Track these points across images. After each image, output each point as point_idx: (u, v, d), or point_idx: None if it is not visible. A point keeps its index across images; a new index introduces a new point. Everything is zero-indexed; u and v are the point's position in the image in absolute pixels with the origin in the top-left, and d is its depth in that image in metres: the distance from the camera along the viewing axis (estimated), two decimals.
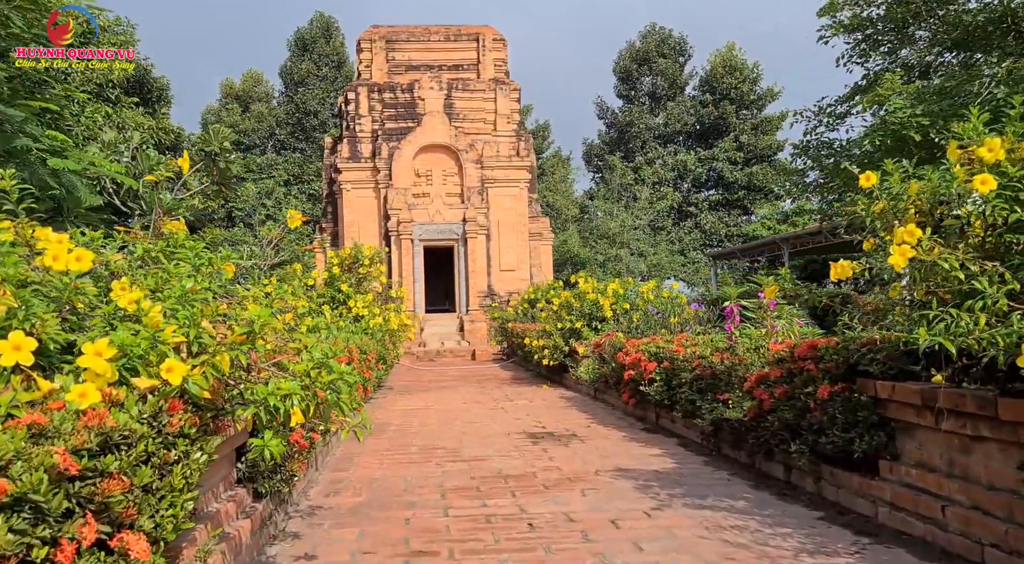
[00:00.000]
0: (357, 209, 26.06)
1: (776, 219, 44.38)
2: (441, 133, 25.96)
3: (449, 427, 7.09)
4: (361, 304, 9.58)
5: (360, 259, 10.42)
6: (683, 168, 47.18)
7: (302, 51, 49.30)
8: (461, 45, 27.30)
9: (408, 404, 9.32)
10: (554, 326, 10.89)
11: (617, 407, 8.12)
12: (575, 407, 8.55)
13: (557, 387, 11.01)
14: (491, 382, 12.31)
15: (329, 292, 9.69)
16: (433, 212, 25.83)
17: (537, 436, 6.41)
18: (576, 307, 10.75)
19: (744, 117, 47.67)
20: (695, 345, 5.91)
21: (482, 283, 26.18)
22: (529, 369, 14.21)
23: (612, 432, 6.54)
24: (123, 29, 34.36)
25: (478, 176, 26.10)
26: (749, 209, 48.41)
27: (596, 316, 10.54)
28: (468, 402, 9.38)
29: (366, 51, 26.96)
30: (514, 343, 15.76)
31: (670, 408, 6.14)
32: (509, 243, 26.51)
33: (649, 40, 49.39)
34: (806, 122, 14.31)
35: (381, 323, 9.44)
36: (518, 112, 27.28)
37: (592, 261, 40.67)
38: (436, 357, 21.90)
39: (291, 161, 47.31)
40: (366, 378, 8.02)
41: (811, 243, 29.86)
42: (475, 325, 24.74)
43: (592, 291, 10.66)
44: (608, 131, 50.73)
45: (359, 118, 26.37)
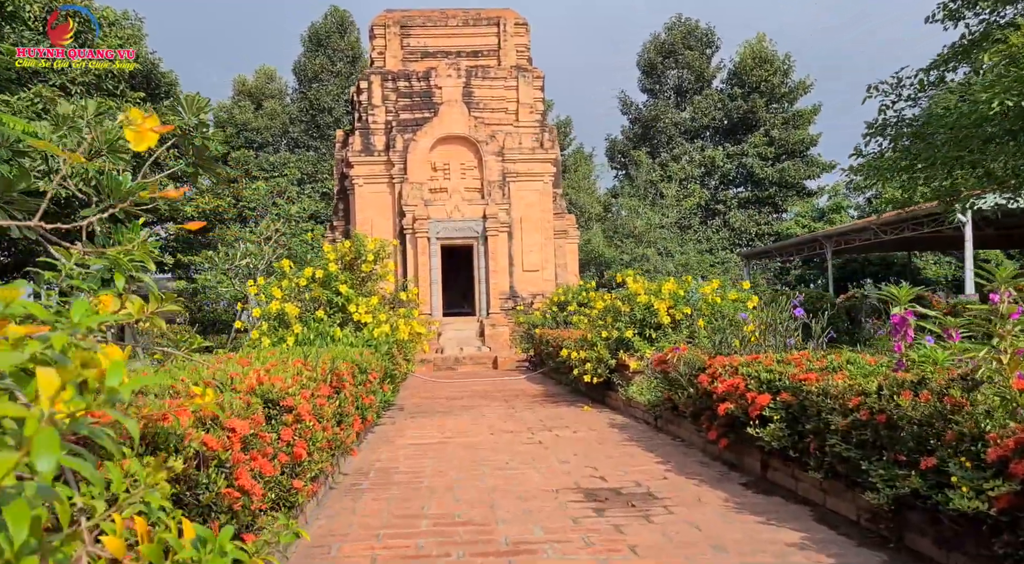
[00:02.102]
0: (370, 205, 24.34)
1: (811, 217, 42.15)
2: (459, 124, 24.17)
3: (474, 477, 5.24)
4: (363, 309, 7.74)
5: (362, 254, 8.55)
6: (711, 164, 45.15)
7: (316, 46, 47.88)
8: (480, 30, 25.50)
9: (421, 434, 7.49)
10: (597, 335, 9.02)
11: (694, 445, 6.24)
12: (634, 442, 6.67)
13: (601, 408, 9.14)
14: (520, 400, 10.46)
15: (326, 294, 7.90)
16: (451, 208, 24.04)
17: (599, 497, 4.56)
18: (624, 312, 8.87)
19: (775, 111, 45.56)
20: (833, 371, 4.04)
21: (504, 284, 24.35)
22: (562, 383, 12.35)
23: (705, 491, 4.67)
24: (131, 23, 33.05)
25: (499, 170, 24.28)
26: (780, 207, 46.23)
27: (649, 323, 8.67)
28: (496, 431, 7.53)
29: (379, 37, 25.23)
30: (543, 352, 13.91)
31: (796, 461, 4.27)
32: (532, 241, 24.66)
33: (675, 32, 47.41)
34: (882, 97, 12.29)
35: (388, 332, 7.62)
36: (542, 101, 25.43)
37: (617, 261, 38.73)
38: (455, 365, 20.10)
39: (305, 159, 45.88)
40: (366, 405, 6.21)
41: (857, 240, 27.76)
42: (496, 330, 22.90)
43: (644, 292, 8.79)
44: (632, 127, 48.78)
45: (372, 109, 24.64)
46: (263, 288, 7.79)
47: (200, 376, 3.45)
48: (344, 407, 5.01)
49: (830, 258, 29.71)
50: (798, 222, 41.97)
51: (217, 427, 2.51)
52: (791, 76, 45.45)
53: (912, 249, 33.83)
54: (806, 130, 44.95)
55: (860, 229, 27.35)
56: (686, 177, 43.16)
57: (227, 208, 38.90)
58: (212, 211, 39.04)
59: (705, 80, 47.52)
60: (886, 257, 38.75)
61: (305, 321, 7.61)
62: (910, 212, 22.63)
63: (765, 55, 44.84)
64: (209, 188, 42.02)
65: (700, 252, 42.73)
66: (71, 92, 25.78)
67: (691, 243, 42.83)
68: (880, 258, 38.80)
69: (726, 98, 45.69)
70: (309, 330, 7.33)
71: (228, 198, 40.52)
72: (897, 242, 27.85)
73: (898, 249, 33.50)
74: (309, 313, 7.77)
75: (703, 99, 45.95)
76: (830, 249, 29.23)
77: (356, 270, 8.33)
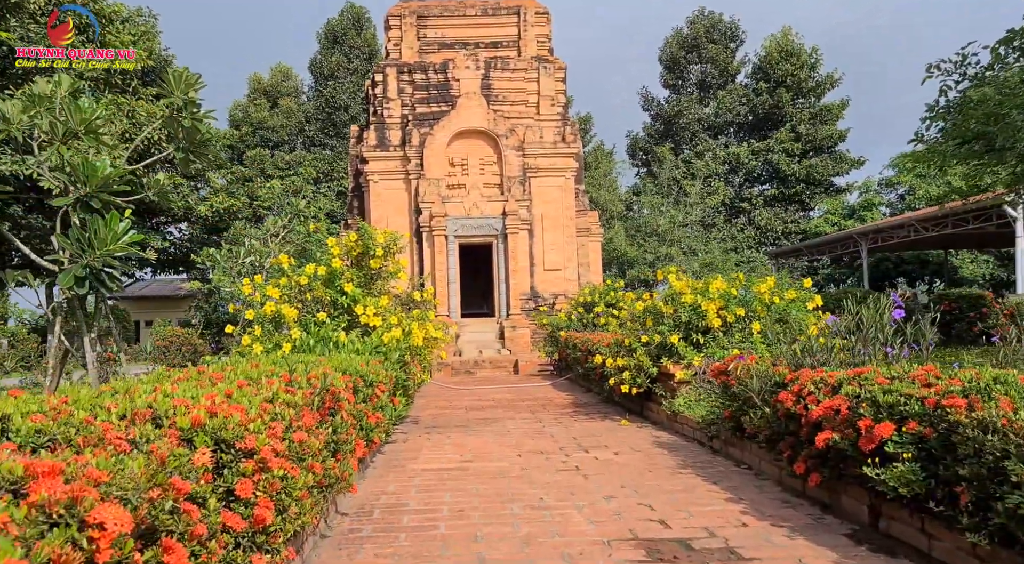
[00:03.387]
0: (385, 202, 23.42)
1: (841, 214, 40.73)
2: (478, 117, 23.19)
3: (502, 521, 4.21)
4: (372, 310, 6.74)
5: (370, 248, 7.56)
6: (735, 161, 43.87)
7: (332, 43, 47.21)
8: (500, 20, 24.49)
9: (437, 456, 6.48)
10: (636, 339, 7.97)
11: (767, 475, 5.18)
12: (691, 468, 5.61)
13: (640, 423, 8.09)
14: (547, 411, 9.43)
15: (329, 294, 6.91)
16: (469, 205, 23.06)
17: (664, 554, 3.51)
18: (667, 314, 7.82)
19: (801, 106, 44.17)
20: (979, 393, 2.99)
21: (524, 284, 23.33)
22: (592, 391, 11.30)
23: (802, 546, 3.60)
24: (145, 20, 32.44)
25: (519, 165, 23.27)
26: (808, 204, 44.82)
27: (696, 326, 7.61)
28: (525, 452, 6.51)
29: (395, 28, 24.32)
30: (569, 356, 12.87)
31: (931, 514, 3.22)
32: (554, 239, 23.61)
33: (697, 26, 46.17)
34: (943, 77, 11.14)
35: (400, 337, 6.61)
36: (563, 93, 24.38)
37: (640, 260, 37.59)
38: (473, 368, 19.11)
39: (321, 158, 45.19)
40: (371, 424, 5.21)
41: (895, 238, 26.42)
42: (516, 332, 21.88)
43: (690, 291, 7.73)
44: (654, 123, 47.59)
45: (387, 102, 23.73)
46: (258, 287, 6.83)
47: (133, 406, 2.47)
48: (341, 433, 4.02)
49: (865, 256, 28.40)
50: (827, 220, 40.58)
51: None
52: (818, 70, 44.04)
53: (952, 247, 32.38)
54: (834, 125, 43.53)
55: (897, 226, 26.06)
56: (710, 174, 41.91)
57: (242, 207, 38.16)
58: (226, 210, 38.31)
59: (729, 75, 46.24)
60: (921, 255, 37.30)
61: (305, 324, 6.64)
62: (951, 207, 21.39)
63: (791, 48, 43.48)
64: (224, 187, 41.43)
65: (725, 251, 41.49)
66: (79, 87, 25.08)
67: (715, 242, 41.60)
68: (914, 256, 37.36)
69: (751, 93, 44.38)
70: (309, 335, 6.36)
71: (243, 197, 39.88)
72: (936, 239, 26.52)
73: (936, 247, 32.07)
74: (310, 315, 6.80)
75: (727, 94, 44.67)
76: (865, 247, 27.92)
77: (364, 266, 7.32)
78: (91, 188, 7.00)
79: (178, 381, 3.31)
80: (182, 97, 7.67)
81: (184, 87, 7.62)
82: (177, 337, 13.92)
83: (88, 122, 7.15)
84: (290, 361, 4.78)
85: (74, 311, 7.31)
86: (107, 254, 6.78)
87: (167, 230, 38.34)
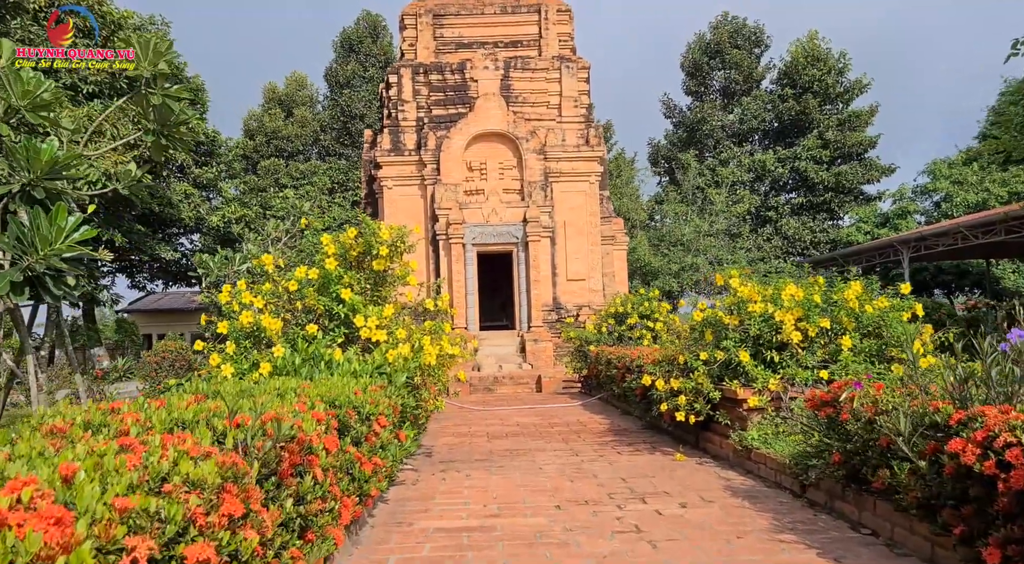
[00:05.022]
0: (400, 210, 22.19)
1: (874, 223, 39.02)
2: (497, 119, 21.96)
3: None
4: (374, 322, 5.42)
5: (373, 247, 6.14)
6: (761, 168, 42.34)
7: (348, 51, 46.38)
8: (520, 18, 23.30)
9: (454, 507, 5.13)
10: (693, 356, 6.60)
11: (905, 547, 3.78)
12: (795, 535, 4.21)
13: (700, 457, 6.71)
14: (583, 439, 8.07)
15: (323, 302, 5.62)
16: (488, 212, 21.79)
17: None
18: (731, 327, 6.46)
19: (829, 112, 42.64)
20: None
21: (546, 295, 21.98)
22: (629, 412, 9.93)
23: None
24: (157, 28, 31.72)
25: (541, 169, 21.99)
26: (836, 213, 43.17)
27: (768, 341, 6.24)
28: (565, 502, 5.14)
29: (410, 28, 23.19)
30: (600, 372, 11.51)
31: None
32: (577, 247, 22.27)
33: (721, 31, 44.85)
34: None
35: (408, 355, 5.28)
36: (587, 94, 23.12)
37: (665, 271, 36.11)
38: (493, 384, 17.76)
39: (336, 168, 44.23)
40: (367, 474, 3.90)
41: (940, 245, 24.79)
42: (539, 345, 20.52)
43: (760, 299, 6.37)
44: (676, 130, 46.22)
45: (402, 104, 22.57)
46: (236, 294, 5.54)
47: None
48: (311, 502, 2.71)
49: (907, 266, 26.74)
50: (859, 228, 38.89)
51: None
52: (846, 75, 42.52)
53: (997, 256, 30.65)
54: (863, 132, 41.95)
55: (941, 233, 24.46)
56: (736, 182, 40.45)
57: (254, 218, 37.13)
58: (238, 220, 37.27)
59: (754, 81, 44.84)
60: (960, 265, 35.49)
61: (293, 339, 5.34)
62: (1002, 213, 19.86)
63: (818, 53, 42.01)
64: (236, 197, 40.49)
65: (751, 261, 39.93)
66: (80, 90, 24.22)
67: (741, 252, 40.08)
68: (953, 266, 35.57)
69: (776, 99, 42.93)
70: (296, 353, 5.05)
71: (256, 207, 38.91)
72: (985, 248, 24.90)
73: (982, 256, 30.34)
74: (300, 328, 5.51)
75: (752, 100, 43.25)
76: (907, 256, 26.28)
77: (365, 269, 5.99)
78: (35, 175, 5.78)
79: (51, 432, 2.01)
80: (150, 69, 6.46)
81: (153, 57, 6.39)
82: (170, 352, 12.71)
83: (33, 97, 5.95)
84: (256, 392, 3.48)
85: (18, 325, 6.08)
86: (52, 254, 5.52)
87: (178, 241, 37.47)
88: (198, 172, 36.47)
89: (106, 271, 36.02)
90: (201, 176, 36.76)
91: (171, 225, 35.24)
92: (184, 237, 37.86)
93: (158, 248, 31.91)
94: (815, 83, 41.76)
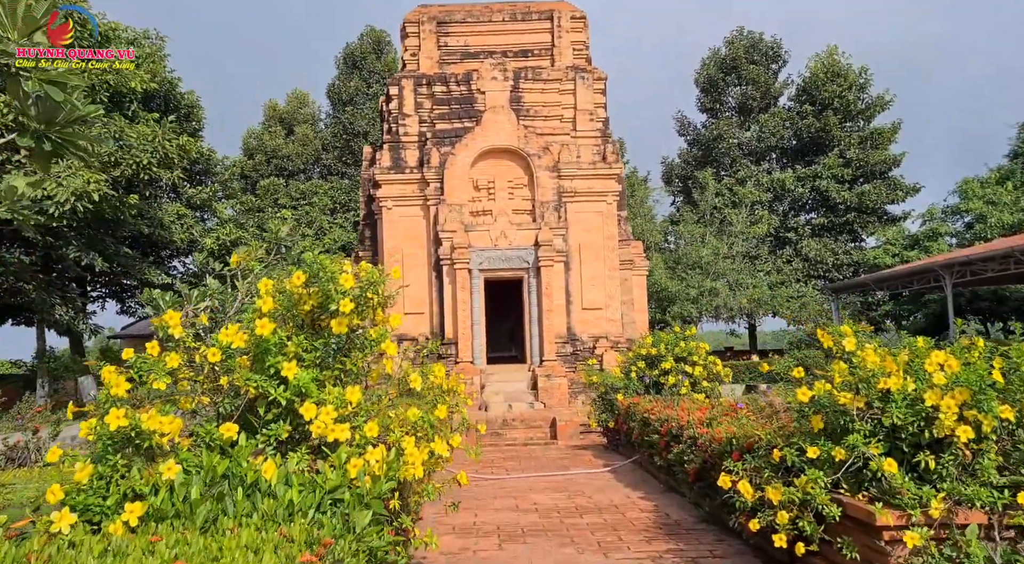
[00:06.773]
0: (400, 232, 20.42)
1: (902, 245, 37.03)
2: (506, 134, 20.23)
3: None
4: (329, 413, 3.41)
5: (331, 300, 3.88)
6: (780, 188, 40.48)
7: (351, 68, 44.96)
8: (531, 25, 21.64)
9: None
10: (793, 451, 4.66)
11: None
12: None
13: None
14: (627, 543, 6.14)
15: (255, 382, 3.62)
16: (496, 234, 19.98)
17: None
18: (855, 410, 4.51)
19: (850, 129, 40.85)
20: None
21: (560, 325, 20.09)
22: (675, 489, 7.99)
23: None
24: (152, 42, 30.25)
25: (554, 188, 20.21)
26: (859, 234, 41.20)
27: (915, 437, 4.30)
28: None
29: (412, 36, 21.53)
30: (632, 430, 9.57)
31: None
32: (593, 273, 20.42)
33: (736, 46, 43.23)
34: None
35: (383, 461, 3.32)
36: (603, 106, 21.37)
37: (683, 296, 34.15)
38: (502, 428, 15.80)
39: (338, 187, 42.53)
40: None
41: (988, 270, 22.82)
42: (552, 381, 18.59)
43: (900, 371, 4.43)
44: (691, 148, 44.47)
45: (403, 118, 20.87)
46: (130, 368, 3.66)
47: None
48: None
49: (950, 293, 24.70)
50: (887, 250, 36.90)
51: None
52: (868, 91, 40.77)
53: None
54: (887, 149, 40.08)
55: (988, 257, 22.54)
56: (754, 202, 38.56)
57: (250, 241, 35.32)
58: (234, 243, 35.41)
59: (772, 97, 43.13)
60: (999, 291, 33.45)
61: (208, 444, 3.42)
62: None
63: (838, 69, 40.30)
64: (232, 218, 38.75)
65: (771, 286, 37.94)
66: None
67: (761, 275, 38.10)
68: (990, 292, 33.51)
69: (795, 116, 41.18)
70: (200, 473, 3.10)
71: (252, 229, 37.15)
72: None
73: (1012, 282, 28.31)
74: (209, 426, 3.56)
75: (770, 117, 41.50)
76: (950, 282, 24.27)
77: (322, 328, 4.02)
78: None
79: None
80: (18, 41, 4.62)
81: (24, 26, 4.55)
82: None
83: None
84: None
85: None
86: None
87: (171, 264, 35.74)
88: (192, 192, 34.85)
89: (96, 297, 34.33)
90: (195, 196, 35.12)
91: (163, 247, 33.58)
92: (176, 259, 36.16)
93: (148, 272, 30.09)
94: (835, 99, 40.06)
